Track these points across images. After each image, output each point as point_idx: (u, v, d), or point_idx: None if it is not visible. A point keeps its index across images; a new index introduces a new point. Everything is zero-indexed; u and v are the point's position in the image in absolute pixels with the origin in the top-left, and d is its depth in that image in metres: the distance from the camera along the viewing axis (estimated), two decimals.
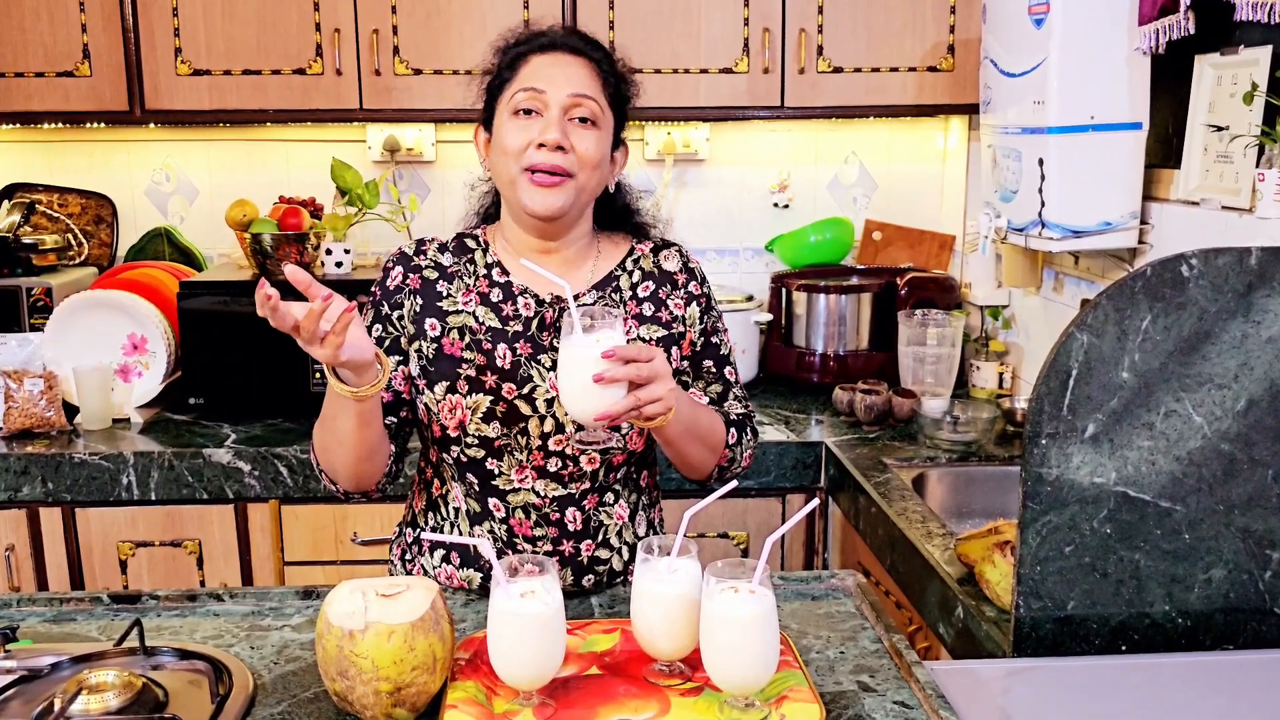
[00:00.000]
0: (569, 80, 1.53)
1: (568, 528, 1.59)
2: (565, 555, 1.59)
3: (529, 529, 1.58)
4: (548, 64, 1.55)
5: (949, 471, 2.32)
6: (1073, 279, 2.52)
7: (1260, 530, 1.40)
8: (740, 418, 1.65)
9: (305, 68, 2.67)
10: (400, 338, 1.60)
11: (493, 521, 1.59)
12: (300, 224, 2.72)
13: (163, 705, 1.23)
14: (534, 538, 1.58)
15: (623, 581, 1.63)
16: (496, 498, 1.58)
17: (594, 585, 1.62)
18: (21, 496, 2.40)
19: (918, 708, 1.24)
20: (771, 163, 3.16)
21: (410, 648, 1.17)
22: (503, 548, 1.59)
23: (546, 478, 1.57)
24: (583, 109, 1.53)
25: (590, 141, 1.53)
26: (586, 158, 1.52)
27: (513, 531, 1.58)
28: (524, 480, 1.57)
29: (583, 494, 1.59)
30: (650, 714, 1.21)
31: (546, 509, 1.58)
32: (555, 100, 1.52)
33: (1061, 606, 1.40)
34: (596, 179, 1.56)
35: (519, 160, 1.52)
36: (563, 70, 1.54)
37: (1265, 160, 1.82)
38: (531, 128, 1.52)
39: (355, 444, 1.49)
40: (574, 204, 1.55)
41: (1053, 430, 1.36)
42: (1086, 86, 2.15)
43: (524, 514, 1.58)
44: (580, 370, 1.35)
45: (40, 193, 3.04)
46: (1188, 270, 1.35)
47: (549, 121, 1.51)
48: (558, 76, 1.53)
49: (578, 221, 1.60)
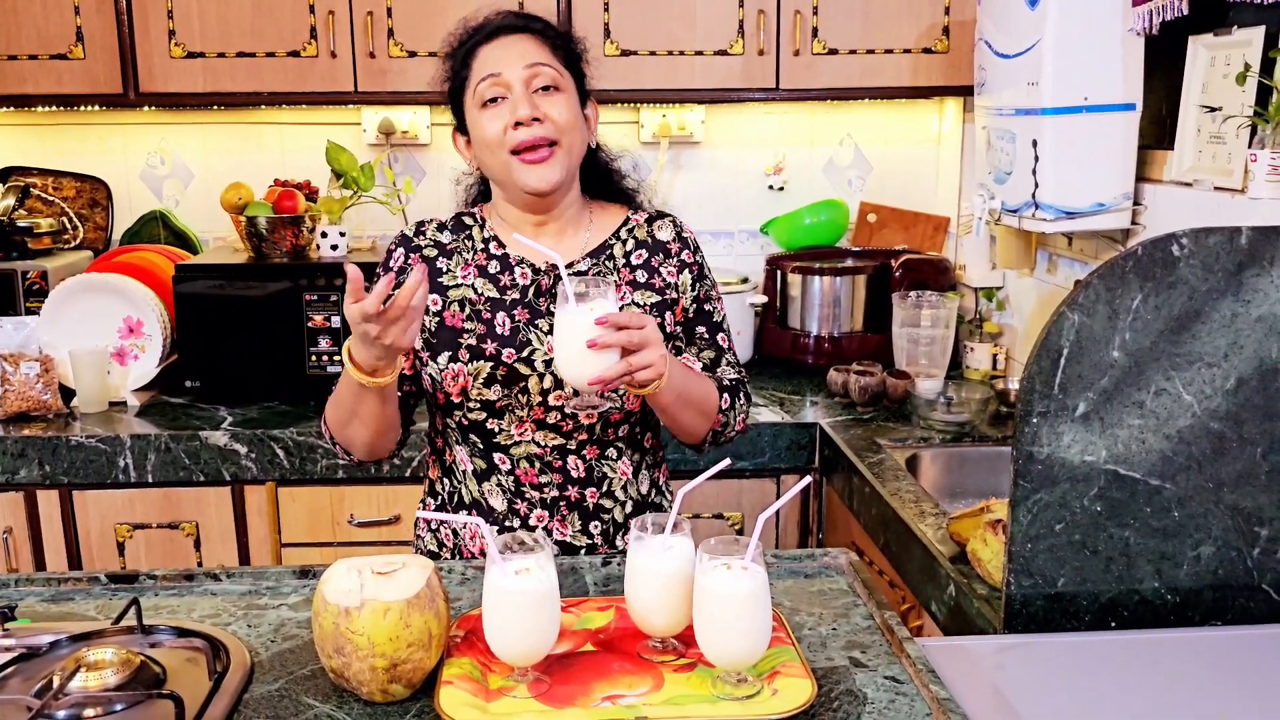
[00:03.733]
0: (520, 54, 1.59)
1: (571, 474, 1.64)
2: (571, 500, 1.64)
3: (534, 477, 1.63)
4: (496, 49, 1.60)
5: (942, 452, 2.33)
6: (1066, 260, 2.53)
7: (1249, 507, 1.41)
8: (733, 383, 1.69)
9: (300, 50, 2.67)
10: None
11: (499, 475, 1.64)
12: (295, 207, 2.72)
13: (161, 682, 1.24)
14: (540, 484, 1.63)
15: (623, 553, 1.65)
16: (500, 452, 1.63)
17: (601, 535, 1.66)
18: (19, 479, 2.41)
19: (908, 682, 1.25)
20: (767, 145, 3.16)
21: (406, 624, 1.18)
22: (511, 498, 1.63)
23: (546, 429, 1.62)
24: (541, 77, 1.58)
25: (560, 106, 1.58)
26: (562, 122, 1.58)
27: (519, 481, 1.63)
28: (524, 434, 1.62)
29: (581, 445, 1.63)
30: (644, 690, 1.22)
31: (548, 457, 1.63)
32: (515, 78, 1.57)
33: (1052, 584, 1.41)
34: (579, 140, 1.62)
35: (503, 146, 1.57)
36: (511, 49, 1.59)
37: (1257, 141, 1.83)
38: (503, 112, 1.57)
39: (377, 420, 1.56)
40: (567, 171, 1.60)
41: (1044, 409, 1.37)
42: (1080, 68, 2.15)
43: (528, 464, 1.63)
44: (574, 336, 1.39)
45: (35, 176, 3.04)
46: (1178, 250, 1.35)
47: (516, 99, 1.57)
48: (507, 55, 1.59)
49: (569, 189, 1.65)
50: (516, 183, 1.58)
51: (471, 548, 1.68)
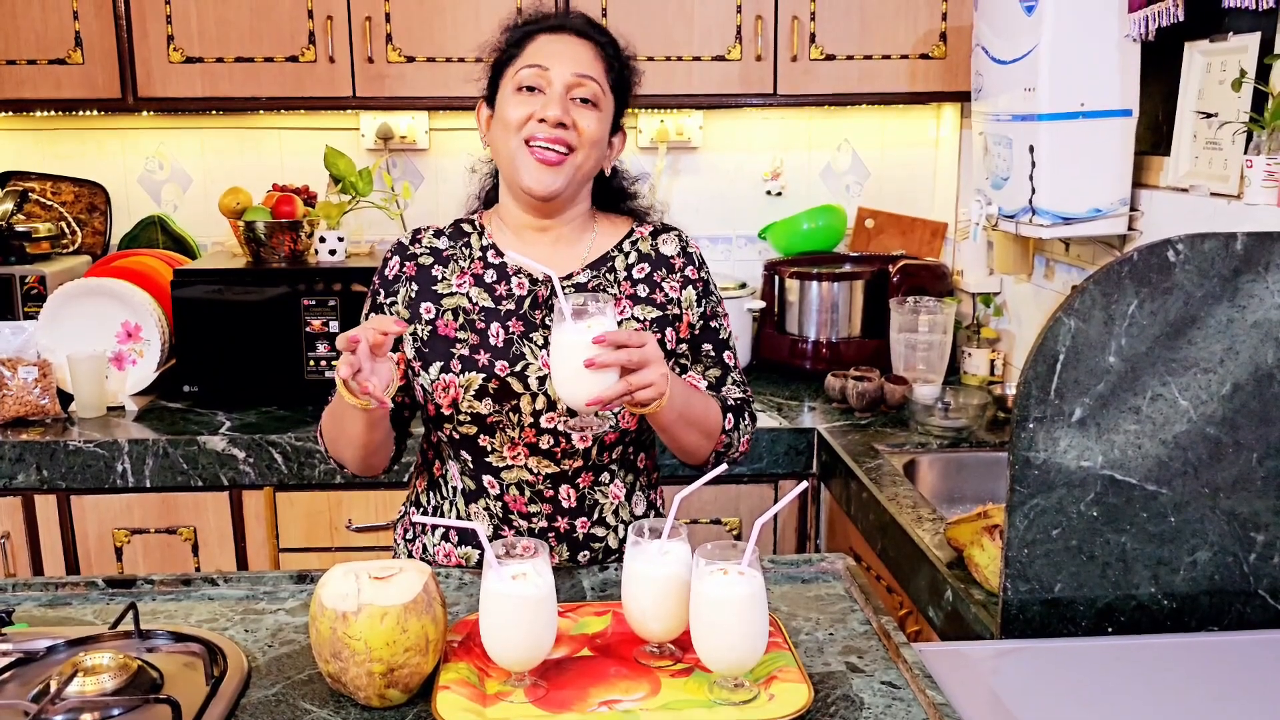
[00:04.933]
0: (574, 60, 1.56)
1: (562, 505, 1.61)
2: (560, 531, 1.61)
3: (523, 505, 1.60)
4: (553, 43, 1.57)
5: (940, 457, 2.34)
6: (1063, 266, 2.53)
7: (1245, 513, 1.42)
8: (738, 403, 1.66)
9: (298, 55, 2.67)
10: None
11: (488, 499, 1.61)
12: (294, 212, 2.73)
13: (158, 687, 1.24)
14: (529, 514, 1.61)
15: (618, 559, 1.65)
16: (491, 475, 1.60)
17: (589, 561, 1.64)
18: (17, 484, 2.41)
19: (905, 688, 1.25)
20: (764, 150, 3.16)
21: (403, 629, 1.18)
22: (498, 524, 1.61)
23: (539, 454, 1.59)
24: (584, 89, 1.56)
25: (590, 120, 1.56)
26: (586, 135, 1.55)
27: (508, 508, 1.61)
28: (516, 458, 1.59)
29: (576, 472, 1.61)
30: (641, 695, 1.22)
31: (540, 485, 1.60)
32: (558, 78, 1.54)
33: (1049, 589, 1.42)
34: (594, 159, 1.59)
35: (519, 132, 1.55)
36: (568, 50, 1.57)
37: (1253, 147, 1.83)
38: (534, 102, 1.54)
39: (364, 444, 1.56)
40: (570, 183, 1.57)
41: (1040, 414, 1.37)
42: (1077, 73, 2.15)
43: (518, 490, 1.60)
44: (571, 355, 1.35)
45: (34, 181, 3.04)
46: (1174, 255, 1.36)
47: (551, 98, 1.54)
48: (562, 55, 1.56)
49: (574, 201, 1.63)
50: (519, 176, 1.55)
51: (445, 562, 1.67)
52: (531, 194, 1.56)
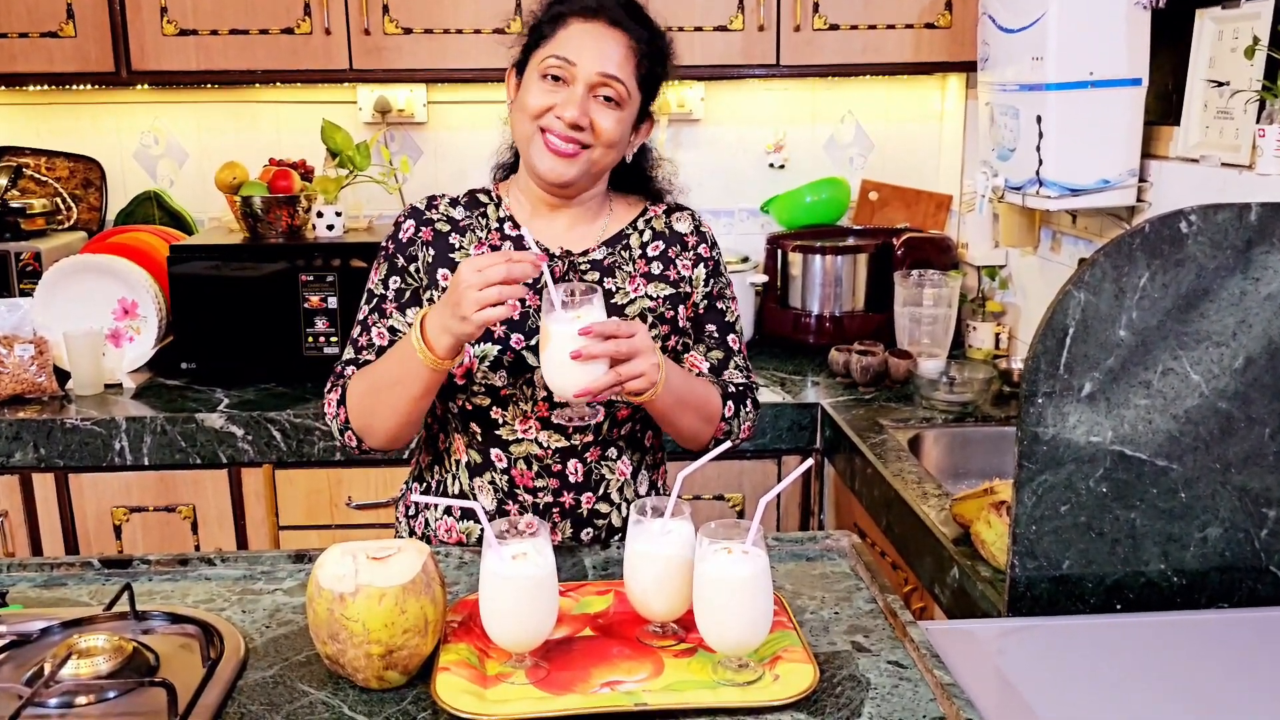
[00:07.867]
0: (602, 57, 1.52)
1: (568, 479, 1.60)
2: (565, 507, 1.60)
3: (530, 479, 1.59)
4: (585, 33, 1.53)
5: (945, 432, 2.32)
6: (1070, 238, 2.50)
7: (1257, 489, 1.39)
8: (739, 389, 1.65)
9: (294, 27, 2.63)
10: (418, 289, 1.61)
11: (494, 472, 1.60)
12: (291, 186, 2.70)
13: (154, 669, 1.23)
14: (534, 488, 1.59)
15: (620, 538, 1.63)
16: (499, 448, 1.59)
17: (592, 539, 1.62)
18: (14, 463, 2.39)
19: (912, 667, 1.24)
20: (767, 122, 3.12)
21: (401, 610, 1.16)
22: (503, 499, 1.60)
23: (550, 429, 1.58)
24: (609, 89, 1.52)
25: (611, 120, 1.53)
26: (604, 135, 1.53)
27: (513, 482, 1.60)
28: (527, 431, 1.58)
29: (585, 446, 1.60)
30: (644, 675, 1.20)
31: (548, 460, 1.59)
32: (583, 75, 1.51)
33: (1057, 566, 1.40)
34: (611, 156, 1.58)
35: (536, 119, 1.53)
36: (598, 44, 1.52)
37: (1266, 116, 1.80)
38: (555, 94, 1.52)
39: (410, 410, 1.51)
40: (583, 175, 1.56)
41: (1049, 389, 1.35)
42: (1085, 42, 2.12)
43: (525, 465, 1.59)
44: (560, 346, 1.35)
45: (28, 156, 3.01)
46: (1186, 227, 1.33)
47: (572, 96, 1.51)
48: (591, 50, 1.52)
49: (589, 187, 1.61)
50: (533, 161, 1.55)
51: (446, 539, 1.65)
52: (542, 180, 1.56)
